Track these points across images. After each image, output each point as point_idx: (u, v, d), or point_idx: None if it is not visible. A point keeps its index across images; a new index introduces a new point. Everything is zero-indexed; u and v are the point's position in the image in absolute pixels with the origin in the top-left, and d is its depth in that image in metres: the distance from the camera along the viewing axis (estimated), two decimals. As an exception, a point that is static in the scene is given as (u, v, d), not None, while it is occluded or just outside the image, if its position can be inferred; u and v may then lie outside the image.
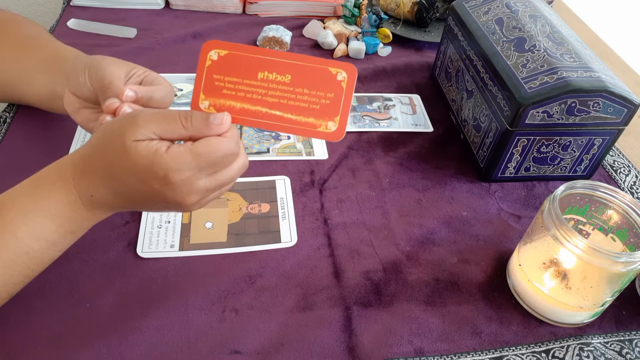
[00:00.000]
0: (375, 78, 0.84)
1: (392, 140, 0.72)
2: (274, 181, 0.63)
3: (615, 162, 0.72)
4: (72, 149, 0.64)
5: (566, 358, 0.49)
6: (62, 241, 0.44)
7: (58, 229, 0.43)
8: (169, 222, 0.57)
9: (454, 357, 0.48)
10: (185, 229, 0.56)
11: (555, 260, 0.50)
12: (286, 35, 0.87)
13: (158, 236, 0.55)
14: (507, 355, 0.49)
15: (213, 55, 0.42)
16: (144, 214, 0.57)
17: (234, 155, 0.42)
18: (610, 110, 0.59)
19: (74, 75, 0.53)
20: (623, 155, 0.74)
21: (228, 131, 0.41)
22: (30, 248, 0.42)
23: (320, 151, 0.69)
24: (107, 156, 0.41)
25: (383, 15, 0.90)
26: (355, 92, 0.81)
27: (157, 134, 0.40)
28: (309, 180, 0.64)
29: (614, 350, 0.50)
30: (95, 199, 0.43)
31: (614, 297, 0.49)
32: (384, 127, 0.74)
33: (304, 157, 0.67)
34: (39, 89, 0.59)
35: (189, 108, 0.72)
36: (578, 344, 0.50)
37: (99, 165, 0.42)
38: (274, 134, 0.70)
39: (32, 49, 0.59)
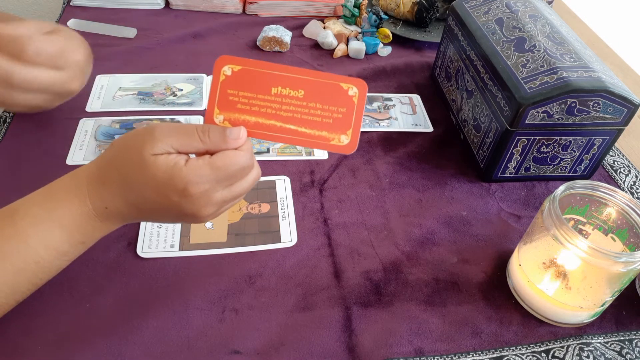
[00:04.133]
0: (375, 78, 0.84)
1: (392, 140, 0.72)
2: (274, 181, 0.63)
3: (615, 162, 0.72)
4: (72, 149, 0.64)
5: (566, 358, 0.49)
6: (72, 251, 0.44)
7: (69, 239, 0.43)
8: (169, 222, 0.57)
9: (454, 357, 0.48)
10: (185, 229, 0.56)
11: (555, 260, 0.50)
12: (286, 35, 0.86)
13: (158, 236, 0.55)
14: (507, 355, 0.49)
15: (227, 70, 0.42)
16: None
17: (250, 167, 0.43)
18: (610, 110, 0.59)
19: None
20: (623, 155, 0.74)
21: (244, 145, 0.42)
22: (40, 257, 0.42)
23: (320, 151, 0.69)
24: (124, 169, 0.41)
25: (383, 15, 0.90)
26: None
27: (174, 147, 0.41)
28: (309, 180, 0.64)
29: (614, 350, 0.50)
30: (109, 210, 0.43)
31: (614, 297, 0.49)
32: (384, 127, 0.74)
33: (304, 157, 0.67)
34: None
35: (189, 108, 0.73)
36: (578, 344, 0.50)
37: (115, 178, 0.42)
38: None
39: None
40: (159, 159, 0.40)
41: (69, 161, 0.62)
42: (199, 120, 0.71)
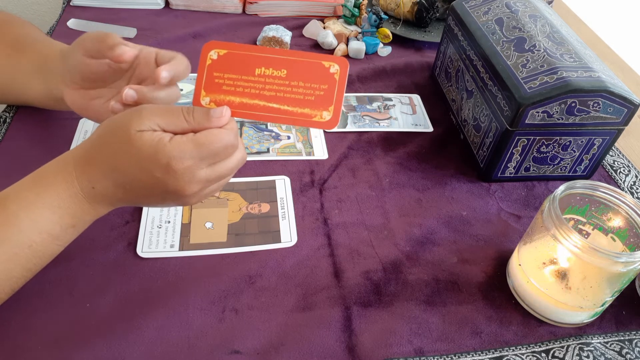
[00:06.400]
0: (375, 78, 0.84)
1: (392, 140, 0.72)
2: (274, 181, 0.63)
3: (615, 162, 0.72)
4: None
5: (566, 358, 0.49)
6: (63, 235, 0.44)
7: (60, 222, 0.43)
8: (169, 222, 0.57)
9: (454, 357, 0.48)
10: (185, 229, 0.56)
11: (555, 260, 0.50)
12: (286, 35, 0.87)
13: (158, 236, 0.55)
14: (507, 355, 0.49)
15: (213, 54, 0.44)
16: (144, 213, 0.57)
17: (234, 147, 0.44)
18: (610, 110, 0.59)
19: (66, 65, 0.52)
20: (623, 155, 0.74)
21: (228, 124, 0.43)
22: (32, 241, 0.42)
23: (320, 151, 0.69)
24: (110, 147, 0.42)
25: (383, 15, 0.90)
26: (355, 92, 0.81)
27: (160, 126, 0.42)
28: (309, 180, 0.64)
29: (613, 350, 0.50)
30: (96, 190, 0.43)
31: (614, 297, 0.49)
32: (384, 127, 0.74)
33: (304, 157, 0.67)
34: (35, 93, 0.59)
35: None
36: (578, 344, 0.50)
37: (101, 157, 0.43)
38: (273, 133, 0.70)
39: (23, 51, 0.59)
40: (144, 134, 0.41)
41: (69, 161, 0.62)
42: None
